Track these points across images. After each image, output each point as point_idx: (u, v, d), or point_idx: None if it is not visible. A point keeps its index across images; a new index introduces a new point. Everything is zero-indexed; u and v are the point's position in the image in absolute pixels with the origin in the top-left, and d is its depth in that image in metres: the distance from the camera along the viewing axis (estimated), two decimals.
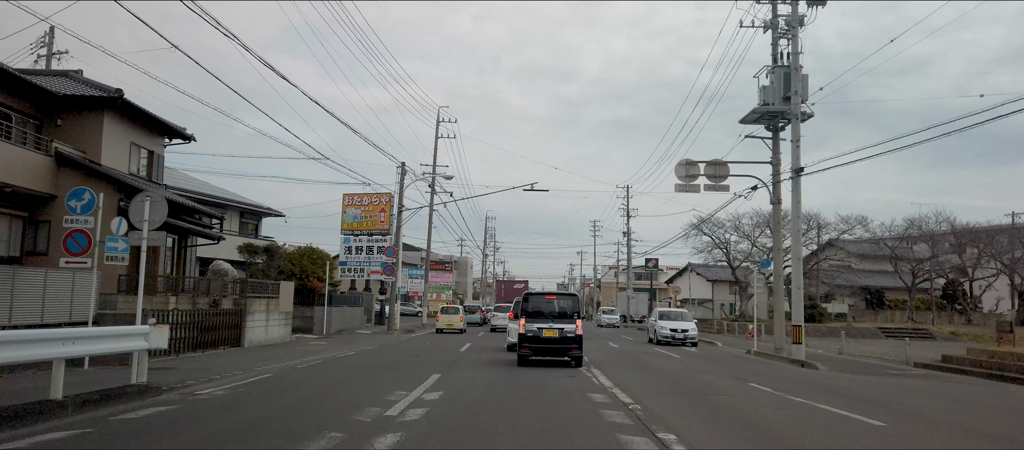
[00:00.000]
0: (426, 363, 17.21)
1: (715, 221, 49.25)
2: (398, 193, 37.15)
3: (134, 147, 24.11)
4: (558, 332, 16.67)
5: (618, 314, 58.47)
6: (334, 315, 33.33)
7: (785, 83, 23.96)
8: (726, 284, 59.57)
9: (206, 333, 21.22)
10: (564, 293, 21.55)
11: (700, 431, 8.56)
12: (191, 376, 13.10)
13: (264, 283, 24.91)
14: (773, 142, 25.43)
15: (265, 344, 23.86)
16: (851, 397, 12.73)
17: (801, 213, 23.17)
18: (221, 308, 21.97)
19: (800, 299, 23.00)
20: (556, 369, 16.10)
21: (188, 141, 26.99)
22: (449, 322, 37.31)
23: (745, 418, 9.77)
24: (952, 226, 54.52)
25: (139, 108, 23.06)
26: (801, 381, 15.73)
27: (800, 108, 23.31)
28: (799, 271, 23.24)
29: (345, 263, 40.88)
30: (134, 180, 22.78)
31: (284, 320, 26.12)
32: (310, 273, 32.75)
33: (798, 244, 23.42)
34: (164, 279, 22.10)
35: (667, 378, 15.40)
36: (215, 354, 19.64)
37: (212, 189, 38.58)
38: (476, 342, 27.99)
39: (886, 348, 31.53)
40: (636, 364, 19.21)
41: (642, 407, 10.11)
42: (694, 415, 9.94)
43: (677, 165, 25.66)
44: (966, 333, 46.88)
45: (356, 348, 23.00)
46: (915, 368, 21.28)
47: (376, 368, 15.69)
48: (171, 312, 19.64)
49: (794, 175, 22.94)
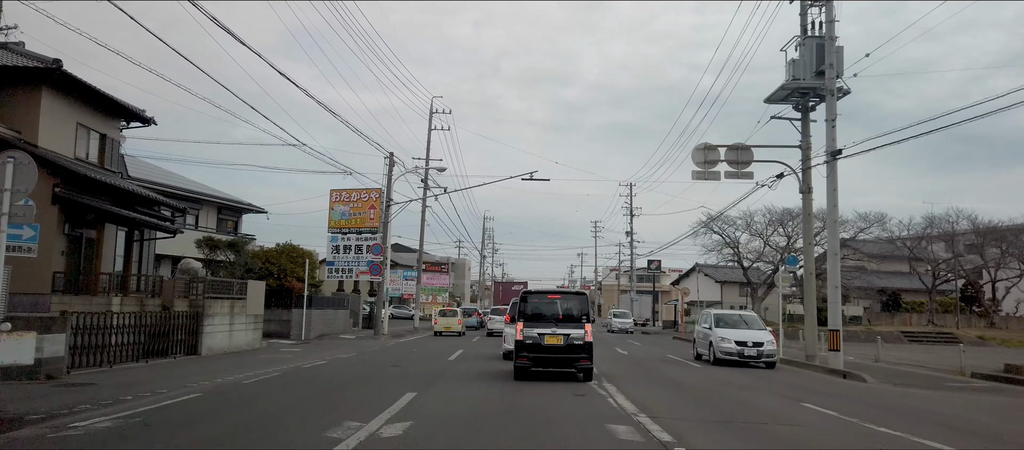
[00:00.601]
0: (404, 376, 14.36)
1: (725, 219, 46.37)
2: (386, 186, 34.28)
3: (82, 129, 21.24)
4: (563, 339, 13.74)
5: (631, 317, 51.89)
6: (315, 319, 30.46)
7: (818, 55, 21.12)
8: (736, 285, 56.67)
9: (157, 340, 18.37)
10: (570, 291, 17.86)
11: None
12: (100, 396, 10.26)
13: (228, 282, 22.02)
14: (803, 123, 22.58)
15: (228, 351, 20.98)
16: (942, 424, 9.89)
17: (838, 202, 20.27)
18: (173, 311, 19.10)
19: (837, 300, 20.16)
20: (560, 384, 13.25)
21: (147, 124, 24.14)
22: (447, 325, 36.39)
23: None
24: (973, 224, 51.74)
25: (85, 84, 20.11)
26: (860, 399, 12.88)
27: (835, 83, 20.47)
28: (836, 268, 20.38)
29: (332, 263, 38.02)
30: (79, 165, 19.94)
31: (252, 324, 23.23)
32: (290, 272, 29.87)
33: (835, 238, 20.51)
34: (108, 277, 19.28)
35: (699, 397, 12.54)
36: (162, 364, 16.78)
37: (187, 182, 35.77)
38: (469, 348, 25.14)
39: (920, 354, 28.69)
40: (654, 378, 16.33)
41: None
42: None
43: (694, 150, 22.80)
44: (993, 337, 44.18)
45: (331, 356, 20.15)
46: (973, 379, 18.43)
47: (340, 384, 12.84)
48: (114, 315, 16.77)
49: (830, 158, 20.07)
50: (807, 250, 22.66)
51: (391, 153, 34.28)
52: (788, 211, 46.17)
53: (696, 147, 22.86)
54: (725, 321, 21.63)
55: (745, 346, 19.81)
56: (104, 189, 20.22)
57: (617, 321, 49.23)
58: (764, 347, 19.84)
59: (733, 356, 19.81)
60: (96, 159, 21.97)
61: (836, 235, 20.60)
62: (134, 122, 24.35)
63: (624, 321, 49.18)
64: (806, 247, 22.84)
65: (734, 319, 21.95)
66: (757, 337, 20.15)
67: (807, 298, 22.26)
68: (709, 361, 20.71)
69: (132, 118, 23.84)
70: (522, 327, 13.95)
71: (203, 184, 38.31)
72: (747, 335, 20.22)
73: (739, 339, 20.00)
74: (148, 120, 24.00)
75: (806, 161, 22.23)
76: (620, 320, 49.41)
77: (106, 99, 21.49)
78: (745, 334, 20.28)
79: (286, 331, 28.37)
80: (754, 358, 19.77)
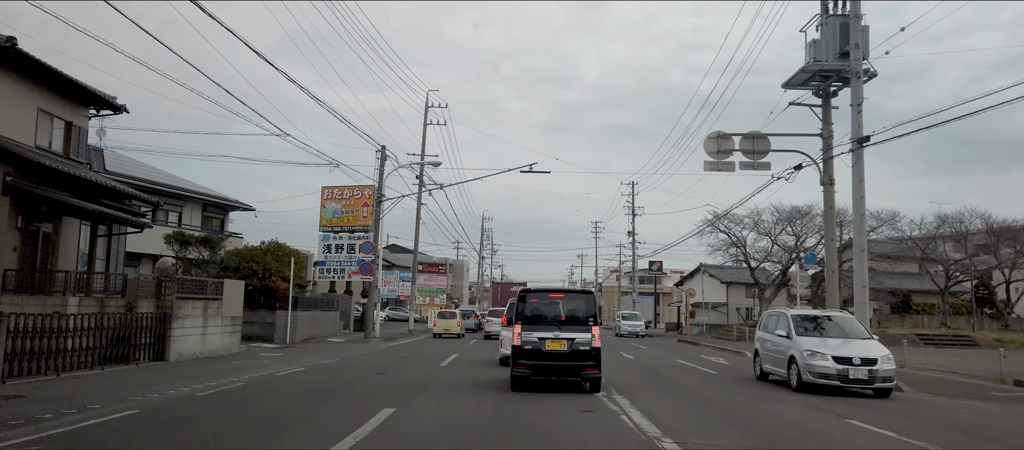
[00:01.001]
0: (387, 386, 12.67)
1: (732, 217, 44.65)
2: (378, 181, 32.59)
3: (44, 115, 19.57)
4: (567, 344, 11.99)
5: (641, 320, 47.26)
6: (302, 321, 28.75)
7: (842, 35, 19.48)
8: (742, 286, 54.90)
9: (118, 345, 16.67)
10: (574, 290, 15.55)
11: None
12: (17, 413, 8.59)
13: (202, 281, 20.31)
14: (824, 110, 20.90)
15: (201, 357, 19.27)
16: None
17: (865, 194, 18.56)
18: (136, 312, 17.40)
19: (865, 301, 18.49)
20: (563, 396, 11.56)
21: (117, 112, 22.50)
22: (446, 327, 35.76)
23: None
24: (987, 224, 50.08)
25: (45, 65, 18.36)
26: (911, 414, 11.17)
27: (862, 64, 18.79)
28: (863, 266, 18.70)
29: (323, 263, 36.33)
30: (36, 154, 18.25)
31: (229, 327, 21.50)
32: (275, 272, 28.15)
33: (862, 233, 18.79)
34: (65, 275, 17.57)
35: (725, 412, 10.84)
36: (119, 372, 15.08)
37: (171, 178, 34.07)
38: (464, 353, 23.45)
39: (941, 358, 27.06)
40: (670, 388, 14.62)
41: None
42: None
43: (707, 138, 21.11)
44: (1011, 340, 42.48)
45: (312, 361, 18.44)
46: (1016, 387, 16.73)
47: (309, 397, 11.13)
48: (68, 317, 15.07)
49: (856, 146, 18.37)
50: (829, 247, 20.96)
51: (383, 146, 32.61)
52: (797, 209, 44.56)
53: (708, 136, 21.16)
54: (811, 326, 15.12)
55: (850, 364, 13.32)
56: (65, 180, 18.54)
57: (626, 324, 45.50)
58: (878, 367, 13.37)
59: (830, 379, 13.39)
60: (61, 148, 20.32)
61: (863, 230, 18.89)
62: (104, 110, 22.73)
63: (634, 324, 45.33)
64: (828, 244, 21.13)
65: (823, 323, 15.35)
66: (866, 350, 13.75)
67: (829, 298, 20.56)
68: (789, 384, 14.37)
69: (102, 105, 22.18)
70: (520, 330, 12.19)
71: (190, 181, 36.64)
72: (851, 348, 13.88)
73: (841, 354, 13.55)
74: (119, 107, 22.36)
75: (828, 150, 20.55)
76: (629, 323, 45.56)
77: (71, 83, 19.79)
78: (847, 346, 13.97)
79: (269, 334, 26.66)
80: (863, 382, 13.39)
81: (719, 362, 22.53)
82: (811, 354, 13.80)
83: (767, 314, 17.47)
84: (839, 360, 13.45)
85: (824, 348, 13.83)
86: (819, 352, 13.74)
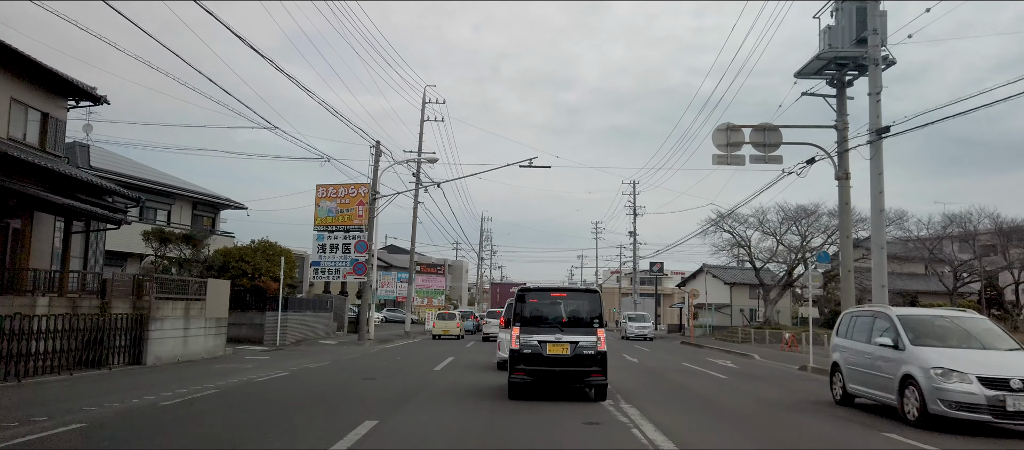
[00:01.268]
0: (375, 393, 11.65)
1: (736, 216, 43.61)
2: (372, 178, 31.56)
3: (17, 105, 18.56)
4: (570, 348, 10.94)
5: (648, 322, 45.10)
6: (293, 322, 27.73)
7: (858, 20, 18.48)
8: (746, 287, 53.86)
9: (91, 348, 15.66)
10: (578, 289, 14.18)
11: None
12: None
13: (183, 281, 19.28)
14: (838, 100, 19.91)
15: (182, 360, 18.24)
16: None
17: (883, 187, 17.52)
18: (111, 313, 16.37)
19: (884, 300, 17.46)
20: (566, 405, 10.54)
21: (97, 103, 21.51)
22: (445, 328, 35.79)
23: None
24: (995, 224, 49.09)
25: (17, 52, 17.38)
26: None
27: (880, 51, 17.78)
28: (882, 264, 17.68)
29: (318, 263, 35.38)
30: (9, 146, 17.21)
31: (214, 329, 20.47)
32: (265, 272, 27.14)
33: (880, 230, 17.76)
34: (34, 274, 16.53)
35: (744, 425, 9.81)
36: (88, 377, 14.06)
37: (160, 175, 33.01)
38: (460, 355, 22.42)
39: None
40: (681, 395, 13.58)
41: None
42: None
43: (716, 130, 20.09)
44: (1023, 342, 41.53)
45: (299, 365, 17.41)
46: None
47: (287, 406, 10.09)
48: (34, 318, 14.07)
49: (875, 137, 17.35)
50: (845, 244, 19.93)
51: (377, 142, 31.53)
52: (803, 208, 43.54)
53: (717, 128, 20.15)
54: (934, 332, 10.40)
55: (1007, 390, 8.80)
56: (38, 173, 17.50)
57: (632, 326, 43.31)
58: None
59: (979, 411, 8.85)
60: (36, 140, 19.31)
61: (882, 226, 17.86)
62: (84, 101, 21.73)
63: (641, 326, 43.20)
64: (844, 241, 20.10)
65: (950, 328, 10.53)
66: (1006, 368, 9.10)
67: (845, 299, 19.54)
68: (902, 415, 9.73)
69: (81, 96, 21.17)
70: (519, 333, 11.14)
71: (183, 179, 35.61)
72: (1001, 364, 9.27)
73: (990, 374, 9.01)
74: (99, 98, 21.34)
75: (843, 143, 19.55)
76: (636, 325, 43.34)
77: (47, 73, 18.78)
78: (994, 361, 9.40)
79: (258, 336, 25.63)
80: (999, 410, 8.79)
81: (727, 365, 21.47)
82: (942, 373, 9.16)
83: (850, 314, 12.93)
84: (988, 383, 8.88)
85: (962, 364, 9.19)
86: (956, 371, 9.09)
